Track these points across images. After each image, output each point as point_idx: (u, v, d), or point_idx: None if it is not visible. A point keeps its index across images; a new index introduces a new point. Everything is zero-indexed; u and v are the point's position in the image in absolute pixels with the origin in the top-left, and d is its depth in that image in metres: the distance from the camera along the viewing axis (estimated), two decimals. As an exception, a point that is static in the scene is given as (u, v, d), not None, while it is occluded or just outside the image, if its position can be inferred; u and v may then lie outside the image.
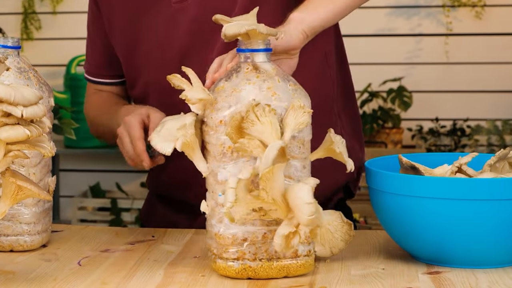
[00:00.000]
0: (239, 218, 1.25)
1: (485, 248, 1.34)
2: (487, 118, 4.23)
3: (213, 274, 1.35)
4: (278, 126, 1.28)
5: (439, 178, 1.34)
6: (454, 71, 4.29)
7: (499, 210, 1.30)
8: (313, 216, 1.21)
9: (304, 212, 1.21)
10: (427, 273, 1.34)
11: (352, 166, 1.36)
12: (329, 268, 1.38)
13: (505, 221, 1.31)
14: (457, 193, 1.30)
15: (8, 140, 1.21)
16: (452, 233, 1.33)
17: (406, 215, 1.35)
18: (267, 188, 1.23)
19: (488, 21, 4.26)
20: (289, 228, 1.23)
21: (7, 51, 1.48)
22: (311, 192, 1.22)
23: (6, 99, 1.20)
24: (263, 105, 1.28)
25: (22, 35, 4.55)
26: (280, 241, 1.23)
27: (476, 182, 1.31)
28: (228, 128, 1.28)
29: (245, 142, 1.27)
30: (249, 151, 1.27)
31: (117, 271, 1.37)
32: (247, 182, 1.24)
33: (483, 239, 1.33)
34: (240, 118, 1.28)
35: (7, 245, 1.48)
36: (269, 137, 1.26)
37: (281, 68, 1.36)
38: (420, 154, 1.54)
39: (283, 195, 1.24)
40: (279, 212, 1.25)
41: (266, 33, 1.32)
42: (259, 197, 1.24)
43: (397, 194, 1.35)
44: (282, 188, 1.24)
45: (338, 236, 1.39)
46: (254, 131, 1.27)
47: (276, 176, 1.22)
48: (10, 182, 1.26)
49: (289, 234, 1.23)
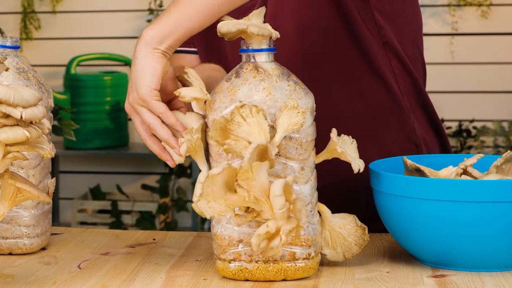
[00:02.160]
0: (215, 214, 1.24)
1: (491, 251, 1.33)
2: (493, 119, 4.22)
3: (215, 277, 1.34)
4: (267, 126, 1.27)
5: (444, 180, 1.33)
6: (459, 71, 4.28)
7: (505, 212, 1.29)
8: (283, 209, 1.19)
9: (275, 206, 1.20)
10: (432, 277, 1.34)
11: (361, 166, 1.35)
12: (333, 271, 1.37)
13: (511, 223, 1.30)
14: (463, 195, 1.30)
15: (7, 141, 1.21)
16: (458, 236, 1.32)
17: (411, 217, 1.35)
18: (247, 187, 1.22)
19: (495, 21, 4.25)
20: (268, 228, 1.21)
21: (6, 51, 1.47)
22: (281, 184, 1.20)
23: (5, 100, 1.19)
24: (249, 105, 1.27)
25: (21, 34, 4.55)
26: (256, 241, 1.21)
27: (482, 184, 1.30)
28: (212, 131, 1.28)
29: (232, 143, 1.26)
30: (238, 152, 1.26)
31: (118, 275, 1.36)
32: (227, 180, 1.23)
33: (489, 242, 1.32)
34: (224, 120, 1.27)
35: (5, 248, 1.48)
36: (257, 138, 1.26)
37: (285, 68, 1.35)
38: (425, 156, 1.54)
39: (267, 195, 1.22)
40: (267, 213, 1.24)
41: (256, 33, 1.31)
42: (240, 196, 1.23)
43: (402, 196, 1.34)
44: (265, 187, 1.22)
45: (352, 240, 1.38)
46: (241, 132, 1.26)
47: (256, 175, 1.21)
48: (9, 184, 1.25)
49: (268, 234, 1.21)
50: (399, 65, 1.64)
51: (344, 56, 1.61)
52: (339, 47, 1.60)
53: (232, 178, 1.24)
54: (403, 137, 1.65)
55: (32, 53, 4.55)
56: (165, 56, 1.35)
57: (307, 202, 1.32)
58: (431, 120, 1.70)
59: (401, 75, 1.65)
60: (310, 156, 1.33)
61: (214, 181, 1.22)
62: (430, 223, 1.33)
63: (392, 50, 1.63)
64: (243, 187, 1.22)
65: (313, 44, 1.60)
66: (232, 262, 1.32)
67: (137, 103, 1.35)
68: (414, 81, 1.66)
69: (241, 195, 1.23)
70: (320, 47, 1.60)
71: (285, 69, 1.34)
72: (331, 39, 1.60)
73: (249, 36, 1.33)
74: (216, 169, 1.22)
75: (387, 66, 1.63)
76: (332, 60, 1.61)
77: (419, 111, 1.68)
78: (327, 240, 1.37)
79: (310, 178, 1.33)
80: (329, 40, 1.60)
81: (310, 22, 1.60)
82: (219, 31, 1.33)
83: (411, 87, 1.66)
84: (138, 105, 1.35)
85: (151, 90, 1.33)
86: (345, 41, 1.60)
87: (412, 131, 1.65)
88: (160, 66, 1.34)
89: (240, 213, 1.27)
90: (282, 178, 1.28)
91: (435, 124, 1.71)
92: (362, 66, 1.61)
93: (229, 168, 1.22)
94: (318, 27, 1.59)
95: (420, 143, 1.66)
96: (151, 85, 1.33)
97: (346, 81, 1.61)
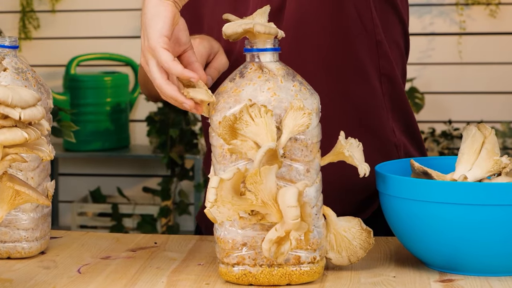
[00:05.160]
0: (224, 219, 1.23)
1: (499, 255, 1.32)
2: (502, 121, 4.21)
3: (218, 282, 1.33)
4: (274, 128, 1.26)
5: (452, 183, 1.32)
6: (467, 72, 4.28)
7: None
8: (297, 220, 1.19)
9: (288, 216, 1.19)
10: (440, 281, 1.33)
11: (366, 171, 1.34)
12: (338, 275, 1.36)
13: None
14: (471, 198, 1.29)
15: (5, 143, 1.20)
16: (466, 240, 1.31)
17: (418, 220, 1.33)
18: (255, 191, 1.21)
19: (503, 20, 4.24)
20: (277, 233, 1.21)
21: (5, 51, 1.47)
22: (295, 195, 1.20)
23: (4, 101, 1.18)
24: (258, 105, 1.26)
25: (20, 34, 4.55)
26: (267, 246, 1.21)
27: (490, 187, 1.29)
28: (220, 128, 1.27)
29: (238, 144, 1.25)
30: (243, 152, 1.25)
31: (118, 279, 1.36)
32: (234, 183, 1.22)
33: (497, 246, 1.31)
34: (234, 118, 1.26)
35: (4, 252, 1.47)
36: (264, 139, 1.25)
37: (289, 68, 1.33)
38: (432, 158, 1.53)
39: (274, 199, 1.22)
40: (273, 216, 1.23)
41: (263, 32, 1.30)
42: (248, 200, 1.22)
43: (409, 199, 1.33)
44: (273, 191, 1.22)
45: (357, 244, 1.37)
46: (249, 132, 1.25)
47: (264, 179, 1.21)
48: (7, 187, 1.24)
49: (278, 239, 1.21)
50: (386, 65, 1.64)
51: (331, 51, 1.60)
52: (329, 42, 1.60)
53: (239, 182, 1.23)
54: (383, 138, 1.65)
55: (31, 53, 4.55)
56: (175, 6, 1.34)
57: (312, 205, 1.31)
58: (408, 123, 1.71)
59: (385, 75, 1.65)
60: (316, 158, 1.32)
61: (223, 186, 1.21)
62: (438, 227, 1.32)
63: (382, 50, 1.63)
64: (250, 191, 1.22)
65: (303, 36, 1.59)
66: (235, 266, 1.31)
67: (148, 52, 1.32)
68: (395, 83, 1.67)
69: (248, 198, 1.22)
70: (309, 40, 1.59)
71: (290, 69, 1.33)
72: (321, 34, 1.59)
73: (254, 35, 1.32)
74: (227, 174, 1.21)
75: (374, 65, 1.63)
76: (319, 54, 1.60)
77: (396, 113, 1.68)
78: (332, 244, 1.36)
79: (315, 181, 1.32)
80: (319, 34, 1.59)
81: (301, 15, 1.59)
82: (224, 34, 1.32)
83: (392, 89, 1.67)
84: (149, 55, 1.32)
85: (161, 36, 1.30)
86: (335, 36, 1.59)
87: (391, 132, 1.65)
88: (170, 14, 1.32)
89: (244, 216, 1.26)
90: (286, 180, 1.28)
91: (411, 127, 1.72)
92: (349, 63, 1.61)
93: (239, 172, 1.22)
94: (310, 22, 1.59)
95: (399, 144, 1.66)
96: (162, 31, 1.31)
97: (332, 79, 1.61)
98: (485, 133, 1.40)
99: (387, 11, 1.65)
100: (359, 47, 1.61)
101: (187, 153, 4.39)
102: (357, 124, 1.62)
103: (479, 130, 1.40)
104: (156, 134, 4.39)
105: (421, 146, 1.74)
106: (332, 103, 1.58)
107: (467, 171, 1.40)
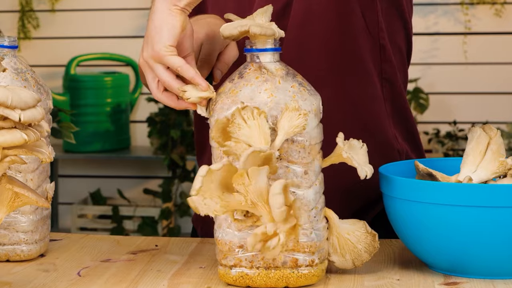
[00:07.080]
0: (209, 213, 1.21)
1: (505, 257, 1.31)
2: (508, 121, 4.21)
3: (219, 285, 1.33)
4: (268, 130, 1.25)
5: (456, 184, 1.32)
6: (472, 72, 4.28)
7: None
8: (282, 208, 1.17)
9: (273, 205, 1.18)
10: (444, 284, 1.32)
11: (368, 173, 1.32)
12: (341, 278, 1.35)
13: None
14: (476, 200, 1.28)
15: (4, 144, 1.19)
16: (471, 242, 1.30)
17: (422, 223, 1.33)
18: (244, 192, 1.21)
19: (509, 19, 4.24)
20: (265, 229, 1.20)
21: (4, 51, 1.47)
22: (281, 184, 1.18)
23: (3, 102, 1.18)
24: (251, 107, 1.25)
25: (19, 34, 4.55)
26: (251, 240, 1.20)
27: (495, 189, 1.28)
28: (213, 131, 1.26)
29: (232, 145, 1.24)
30: (238, 154, 1.24)
31: (119, 282, 1.35)
32: (225, 178, 1.21)
33: (503, 248, 1.30)
34: (226, 121, 1.25)
35: (3, 255, 1.47)
36: (257, 142, 1.24)
37: (290, 68, 1.32)
38: (437, 159, 1.52)
39: (265, 200, 1.21)
40: (265, 218, 1.22)
41: (259, 33, 1.29)
42: (237, 199, 1.21)
43: (413, 201, 1.33)
44: (263, 192, 1.21)
45: (362, 247, 1.36)
46: (242, 135, 1.25)
47: (253, 180, 1.20)
48: (6, 189, 1.24)
49: (264, 234, 1.19)
50: (389, 69, 1.64)
51: (336, 51, 1.59)
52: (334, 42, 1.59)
53: (230, 177, 1.22)
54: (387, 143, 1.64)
55: (31, 53, 4.55)
56: (184, 13, 1.34)
57: (311, 208, 1.30)
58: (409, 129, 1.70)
59: (387, 79, 1.64)
60: (315, 160, 1.31)
61: (213, 177, 1.20)
62: (443, 229, 1.31)
63: (386, 54, 1.63)
64: (239, 191, 1.21)
65: (308, 35, 1.58)
66: (233, 268, 1.31)
67: (152, 59, 1.33)
68: (396, 88, 1.66)
69: (236, 199, 1.21)
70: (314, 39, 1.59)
71: (291, 69, 1.32)
72: (327, 33, 1.58)
73: (254, 35, 1.31)
74: (216, 165, 1.20)
75: (377, 69, 1.62)
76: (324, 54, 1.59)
77: (397, 119, 1.68)
78: (335, 247, 1.35)
79: (314, 183, 1.31)
80: (325, 32, 1.58)
81: (308, 14, 1.58)
82: (222, 35, 1.32)
83: (393, 93, 1.66)
84: (153, 61, 1.33)
85: (167, 46, 1.32)
86: (341, 36, 1.58)
87: (394, 137, 1.65)
88: (178, 23, 1.33)
89: (239, 218, 1.26)
90: None
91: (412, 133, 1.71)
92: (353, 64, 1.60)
93: (229, 165, 1.20)
94: (315, 21, 1.58)
95: (402, 150, 1.66)
96: (168, 41, 1.32)
97: (336, 79, 1.60)
98: (490, 134, 1.39)
99: (392, 15, 1.65)
100: (363, 49, 1.60)
101: (188, 154, 4.39)
102: (361, 128, 1.61)
103: (484, 131, 1.39)
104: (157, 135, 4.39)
105: (422, 153, 1.74)
106: (336, 103, 1.57)
107: (472, 173, 1.39)
